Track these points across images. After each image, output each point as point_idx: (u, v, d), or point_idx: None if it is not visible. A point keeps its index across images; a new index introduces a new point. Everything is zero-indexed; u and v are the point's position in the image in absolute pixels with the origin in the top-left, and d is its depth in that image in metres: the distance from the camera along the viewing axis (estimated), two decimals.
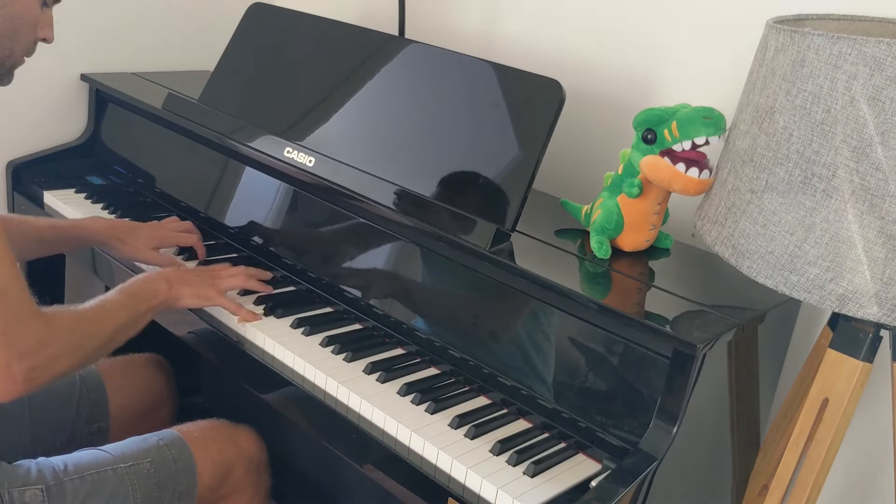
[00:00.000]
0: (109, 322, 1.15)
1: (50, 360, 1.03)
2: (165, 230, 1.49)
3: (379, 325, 1.33)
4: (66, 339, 1.06)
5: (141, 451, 1.19)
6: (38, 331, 1.02)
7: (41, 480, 1.10)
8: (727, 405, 1.15)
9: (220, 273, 1.33)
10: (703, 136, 1.09)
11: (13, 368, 0.99)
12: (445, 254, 1.26)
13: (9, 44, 1.11)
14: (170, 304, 1.26)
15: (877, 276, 0.86)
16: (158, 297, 1.24)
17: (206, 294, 1.29)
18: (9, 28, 1.10)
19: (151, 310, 1.23)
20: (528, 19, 1.68)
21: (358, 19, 1.92)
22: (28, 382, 1.01)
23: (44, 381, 1.03)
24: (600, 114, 1.58)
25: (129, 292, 1.21)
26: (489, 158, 1.26)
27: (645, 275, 1.21)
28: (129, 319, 1.18)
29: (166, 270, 1.29)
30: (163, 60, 2.04)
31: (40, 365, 1.02)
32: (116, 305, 1.17)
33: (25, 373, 1.00)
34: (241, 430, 1.34)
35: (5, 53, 1.12)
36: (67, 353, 1.06)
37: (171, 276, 1.27)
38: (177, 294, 1.26)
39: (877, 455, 1.32)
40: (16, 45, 1.12)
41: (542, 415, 1.14)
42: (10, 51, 1.12)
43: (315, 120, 1.49)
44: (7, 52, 1.12)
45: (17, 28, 1.11)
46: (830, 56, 0.85)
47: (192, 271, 1.33)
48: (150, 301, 1.22)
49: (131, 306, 1.19)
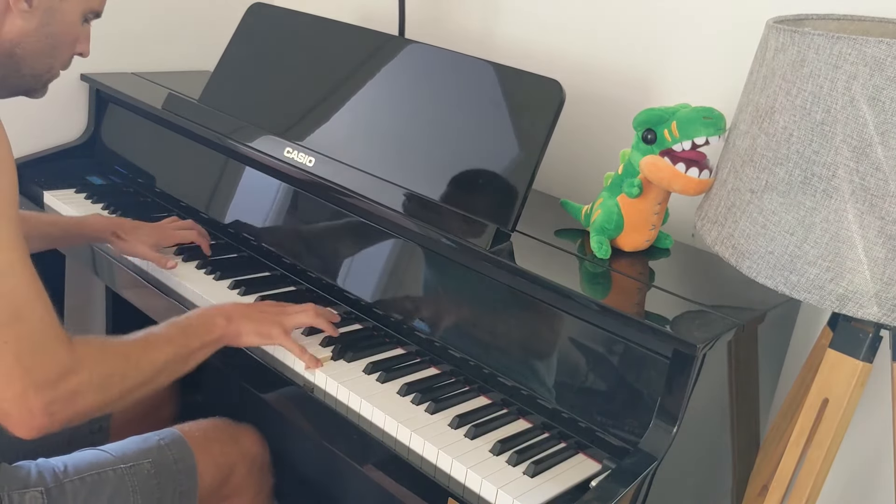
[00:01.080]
0: (150, 358, 1.05)
1: (72, 393, 0.94)
2: (166, 229, 1.48)
3: (379, 325, 1.33)
4: (92, 372, 0.96)
5: (142, 452, 1.18)
6: (59, 358, 0.93)
7: (41, 482, 1.09)
8: (727, 405, 1.15)
9: (286, 309, 1.22)
10: (703, 136, 1.09)
11: (30, 400, 0.91)
12: (445, 254, 1.26)
13: (49, 60, 1.11)
14: (228, 341, 1.16)
15: (877, 276, 0.86)
16: (214, 332, 1.14)
17: (270, 332, 1.18)
18: (50, 45, 1.09)
19: (205, 346, 1.13)
20: (528, 19, 1.68)
21: (358, 19, 1.92)
22: (48, 417, 0.92)
23: (66, 417, 0.95)
24: (600, 114, 1.58)
25: (180, 326, 1.12)
26: (489, 158, 1.26)
27: (645, 275, 1.21)
28: (177, 356, 1.09)
29: (227, 305, 1.20)
30: (163, 60, 2.04)
31: (60, 398, 0.93)
32: (161, 339, 1.08)
33: (44, 406, 0.92)
34: (243, 430, 1.33)
35: (45, 69, 1.12)
36: (94, 388, 0.97)
37: (230, 311, 1.18)
38: (237, 330, 1.16)
39: (877, 455, 1.32)
40: (56, 60, 1.12)
41: (543, 415, 1.14)
42: (50, 66, 1.12)
43: (315, 120, 1.49)
44: (47, 67, 1.12)
45: (58, 45, 1.11)
46: (830, 56, 0.85)
47: (255, 306, 1.23)
48: (203, 337, 1.13)
49: (180, 342, 1.10)
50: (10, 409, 0.92)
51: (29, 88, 1.14)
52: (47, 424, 0.93)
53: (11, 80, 1.10)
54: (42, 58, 1.10)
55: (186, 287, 1.40)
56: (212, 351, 1.15)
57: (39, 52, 1.09)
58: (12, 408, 0.92)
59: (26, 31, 1.06)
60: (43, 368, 0.92)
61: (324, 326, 1.24)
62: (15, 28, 1.05)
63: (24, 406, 0.91)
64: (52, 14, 1.08)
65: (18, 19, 1.05)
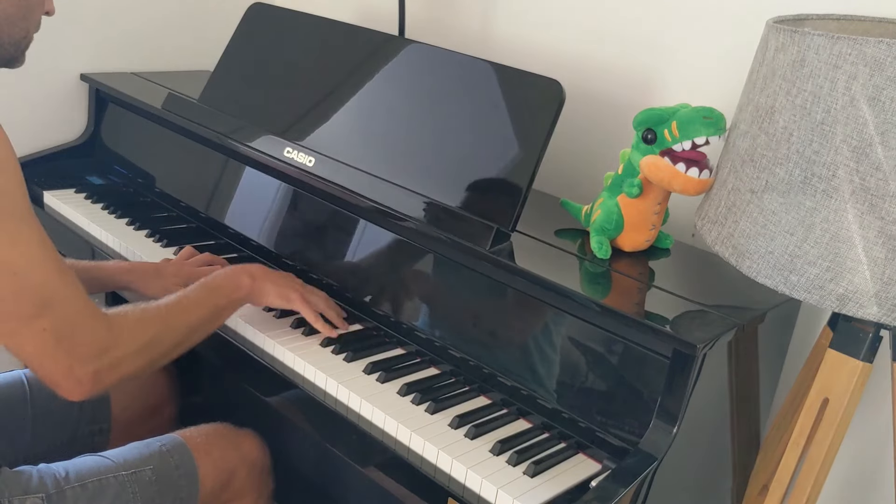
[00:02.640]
0: (183, 319, 1.13)
1: (115, 362, 1.02)
2: (189, 267, 1.41)
3: (379, 325, 1.33)
4: (131, 341, 1.04)
5: (143, 458, 1.18)
6: (98, 335, 1.00)
7: (42, 488, 1.08)
8: (727, 405, 1.15)
9: (307, 286, 1.31)
10: (703, 136, 1.09)
11: (76, 372, 0.98)
12: (445, 254, 1.26)
13: (24, 24, 1.11)
14: (252, 298, 1.24)
15: (877, 276, 0.86)
16: (240, 291, 1.22)
17: (290, 296, 1.26)
18: (23, 9, 1.10)
19: (232, 304, 1.22)
20: (528, 19, 1.68)
21: (358, 19, 1.93)
22: (96, 384, 1.00)
23: (112, 381, 1.02)
24: (600, 114, 1.58)
25: (209, 287, 1.19)
26: (489, 158, 1.26)
27: (645, 275, 1.21)
28: (208, 315, 1.17)
29: (251, 265, 1.28)
30: (163, 60, 2.04)
31: (105, 367, 1.00)
32: (193, 302, 1.15)
33: (91, 375, 0.99)
34: (243, 435, 1.33)
35: (20, 35, 1.11)
36: (134, 354, 1.04)
37: (255, 271, 1.26)
38: (260, 289, 1.24)
39: (877, 455, 1.32)
40: (30, 24, 1.12)
41: (543, 415, 1.14)
42: (26, 30, 1.12)
43: (315, 120, 1.49)
44: (23, 32, 1.11)
45: (30, 7, 1.11)
46: (830, 56, 0.85)
47: (279, 272, 1.31)
48: (230, 295, 1.21)
49: (210, 302, 1.18)
50: (60, 381, 0.99)
51: (10, 58, 1.13)
52: (96, 389, 1.01)
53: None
54: (17, 22, 1.10)
55: None
56: (238, 307, 1.24)
57: (14, 17, 1.09)
58: (62, 380, 0.99)
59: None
60: (85, 346, 0.98)
61: (332, 317, 1.29)
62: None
63: (72, 377, 0.99)
64: None
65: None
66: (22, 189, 0.96)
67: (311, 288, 1.32)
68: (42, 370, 0.99)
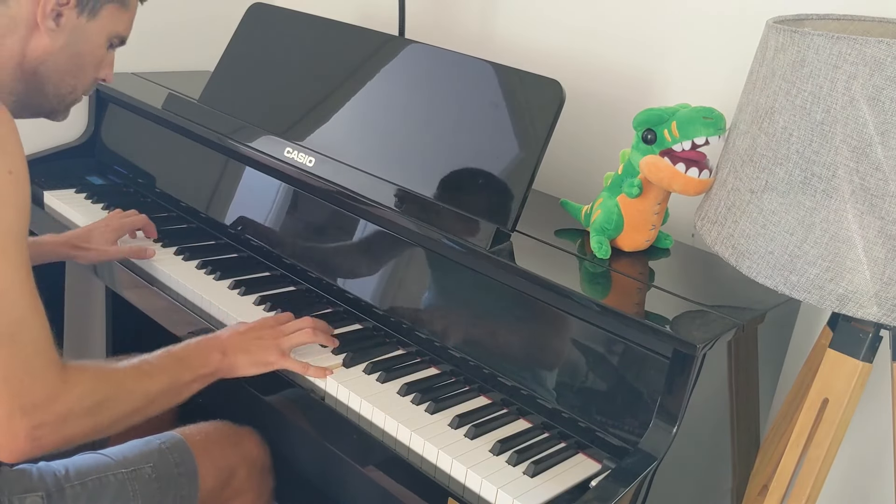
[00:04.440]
0: (143, 387, 1.05)
1: (60, 419, 0.93)
2: (116, 221, 1.50)
3: (379, 325, 1.33)
4: (83, 399, 0.96)
5: (143, 456, 1.18)
6: (49, 383, 0.92)
7: (42, 486, 1.08)
8: (727, 405, 1.15)
9: (284, 329, 1.20)
10: (703, 136, 1.09)
11: (15, 423, 0.90)
12: (445, 254, 1.26)
13: (72, 81, 1.10)
14: (223, 374, 1.16)
15: (877, 276, 0.86)
16: (209, 366, 1.14)
17: (267, 360, 1.17)
18: (74, 66, 1.09)
19: (199, 379, 1.13)
20: (528, 19, 1.68)
21: (358, 19, 1.92)
22: (33, 441, 0.91)
23: (52, 442, 0.94)
24: (600, 114, 1.58)
25: (177, 357, 1.12)
26: (489, 158, 1.26)
27: (645, 275, 1.21)
28: (171, 386, 1.09)
29: (224, 335, 1.18)
30: (163, 60, 2.04)
31: (48, 422, 0.92)
32: (156, 369, 1.08)
33: (29, 430, 0.91)
34: (244, 433, 1.33)
35: (67, 90, 1.11)
36: (84, 414, 0.96)
37: (226, 345, 1.16)
38: (231, 364, 1.15)
39: (877, 455, 1.32)
40: (79, 82, 1.11)
41: (543, 415, 1.14)
42: (73, 87, 1.11)
43: (315, 120, 1.49)
44: (70, 88, 1.11)
45: (82, 66, 1.10)
46: (830, 56, 0.85)
47: (251, 331, 1.19)
48: (197, 370, 1.12)
49: (174, 373, 1.09)
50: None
51: (52, 110, 1.13)
52: (31, 449, 0.92)
53: (35, 99, 1.10)
54: (66, 77, 1.09)
55: (186, 287, 1.40)
56: (206, 383, 1.14)
57: (63, 72, 1.08)
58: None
59: (51, 49, 1.05)
60: (31, 392, 0.91)
61: (323, 341, 1.23)
62: (41, 46, 1.05)
63: (8, 429, 0.90)
64: (78, 34, 1.07)
65: (45, 37, 1.04)
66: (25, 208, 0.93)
67: (291, 327, 1.21)
68: None
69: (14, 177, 0.92)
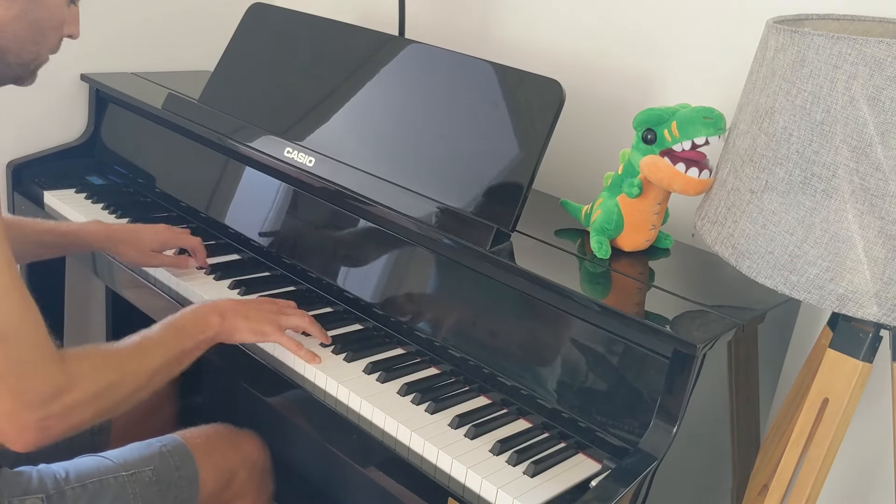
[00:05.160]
0: (145, 364, 1.05)
1: (66, 409, 0.94)
2: (166, 233, 1.44)
3: (379, 325, 1.33)
4: (87, 387, 0.96)
5: (143, 459, 1.17)
6: (51, 378, 0.92)
7: (42, 489, 1.08)
8: (727, 405, 1.15)
9: (283, 309, 1.23)
10: (703, 136, 1.09)
11: (22, 417, 0.90)
12: (445, 254, 1.26)
13: (35, 48, 1.07)
14: (223, 338, 1.16)
15: (877, 276, 0.86)
16: (208, 331, 1.14)
17: (265, 330, 1.18)
18: (35, 32, 1.05)
19: (199, 346, 1.13)
20: (528, 19, 1.68)
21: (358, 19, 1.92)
22: (42, 432, 0.92)
23: (61, 431, 0.95)
24: (600, 114, 1.58)
25: (175, 328, 1.11)
26: (489, 158, 1.26)
27: (645, 275, 1.21)
28: (172, 358, 1.09)
29: (221, 301, 1.19)
30: (163, 60, 2.04)
31: (55, 414, 0.93)
32: (156, 343, 1.08)
33: (37, 422, 0.91)
34: (244, 436, 1.33)
35: (31, 56, 1.07)
36: (89, 400, 0.97)
37: (225, 308, 1.17)
38: (230, 327, 1.16)
39: (877, 455, 1.32)
40: (42, 47, 1.08)
41: (543, 415, 1.14)
42: (37, 53, 1.08)
43: (315, 120, 1.49)
44: (33, 54, 1.07)
45: (43, 31, 1.06)
46: (830, 56, 0.85)
47: (251, 302, 1.22)
48: (196, 336, 1.12)
49: (174, 344, 1.10)
50: (2, 426, 0.92)
51: (17, 77, 1.09)
52: (42, 439, 0.93)
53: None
54: (27, 45, 1.05)
55: (186, 287, 1.40)
56: (206, 348, 1.15)
57: (24, 40, 1.04)
58: (5, 424, 0.92)
59: (7, 19, 1.01)
60: (33, 389, 0.91)
61: (318, 332, 1.24)
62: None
63: (16, 423, 0.91)
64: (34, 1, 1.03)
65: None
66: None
67: (289, 310, 1.24)
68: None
69: None
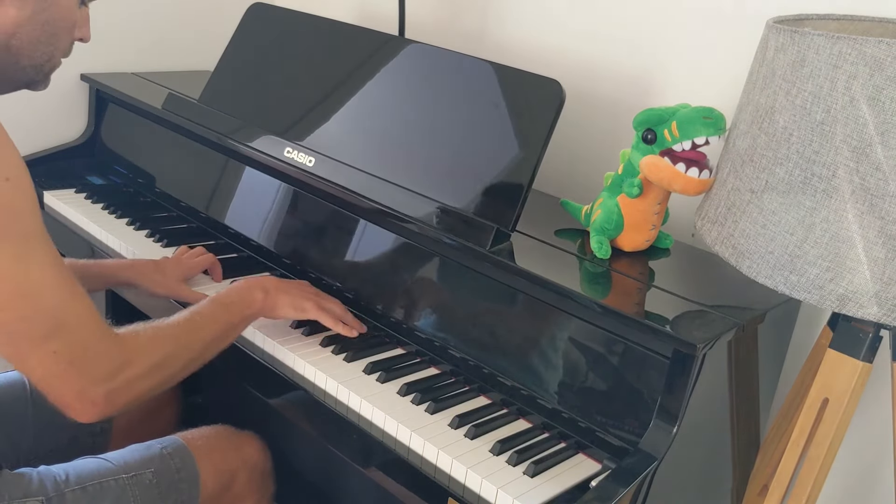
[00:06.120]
0: (198, 337, 1.12)
1: (128, 382, 1.00)
2: (188, 261, 1.44)
3: (379, 325, 1.33)
4: (144, 361, 1.02)
5: (144, 461, 1.17)
6: (111, 356, 0.98)
7: (42, 491, 1.08)
8: (727, 405, 1.15)
9: (321, 293, 1.31)
10: (703, 136, 1.09)
11: (89, 393, 0.97)
12: (445, 253, 1.26)
13: (48, 49, 1.06)
14: (266, 313, 1.24)
15: (877, 276, 0.86)
16: (254, 306, 1.22)
17: (304, 306, 1.26)
18: (48, 33, 1.05)
19: (245, 320, 1.21)
20: (528, 19, 1.68)
21: (358, 19, 1.93)
22: (109, 405, 0.99)
23: (125, 401, 1.01)
24: (600, 114, 1.58)
25: (223, 303, 1.18)
26: (489, 158, 1.26)
27: (645, 275, 1.21)
28: (221, 332, 1.16)
29: (264, 278, 1.27)
30: (163, 60, 2.04)
31: (119, 388, 0.99)
32: (208, 318, 1.15)
33: (104, 396, 0.98)
34: (245, 437, 1.33)
35: (44, 58, 1.07)
36: (147, 374, 1.03)
37: (268, 285, 1.25)
38: (273, 303, 1.24)
39: (877, 455, 1.32)
40: (55, 49, 1.08)
41: (542, 415, 1.14)
42: (50, 55, 1.07)
43: (315, 120, 1.49)
44: (47, 56, 1.07)
45: (56, 32, 1.06)
46: (830, 56, 0.85)
47: (292, 282, 1.30)
48: (243, 311, 1.20)
49: (223, 319, 1.17)
50: (71, 402, 0.97)
51: (30, 80, 1.09)
52: (109, 411, 0.99)
53: (11, 73, 1.06)
54: (40, 46, 1.05)
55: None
56: (251, 323, 1.23)
57: (37, 42, 1.04)
58: (74, 401, 0.97)
59: (20, 20, 1.01)
60: (97, 368, 0.97)
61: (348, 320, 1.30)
62: (9, 19, 1.00)
63: (85, 399, 0.97)
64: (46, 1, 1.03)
65: (11, 9, 0.99)
66: (34, 207, 0.94)
67: (325, 295, 1.32)
68: (53, 392, 0.97)
69: (13, 182, 0.92)
